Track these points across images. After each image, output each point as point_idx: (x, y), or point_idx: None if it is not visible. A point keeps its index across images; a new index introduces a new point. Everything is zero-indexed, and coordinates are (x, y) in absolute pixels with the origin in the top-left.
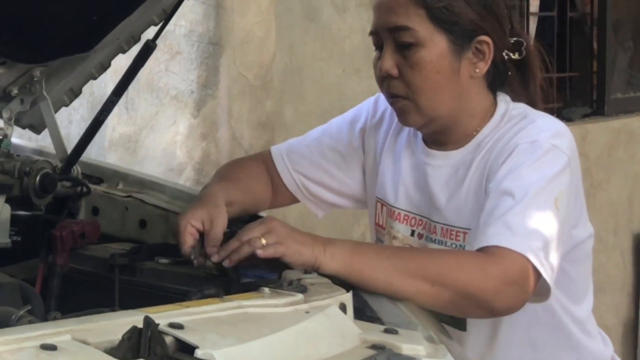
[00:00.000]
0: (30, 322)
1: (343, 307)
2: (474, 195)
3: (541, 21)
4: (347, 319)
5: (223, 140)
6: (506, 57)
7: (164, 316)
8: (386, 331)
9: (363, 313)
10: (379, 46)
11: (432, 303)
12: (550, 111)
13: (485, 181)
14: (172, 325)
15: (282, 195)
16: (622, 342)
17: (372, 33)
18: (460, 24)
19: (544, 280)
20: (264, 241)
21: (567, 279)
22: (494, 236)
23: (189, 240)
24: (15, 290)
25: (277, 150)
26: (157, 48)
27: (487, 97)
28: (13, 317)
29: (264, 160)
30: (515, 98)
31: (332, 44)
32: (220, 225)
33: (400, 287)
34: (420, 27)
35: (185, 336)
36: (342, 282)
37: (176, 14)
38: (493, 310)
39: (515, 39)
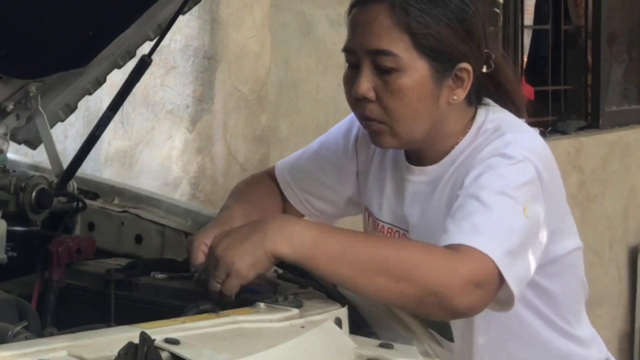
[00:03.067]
0: (26, 338)
1: (338, 322)
2: (445, 211)
3: (535, 34)
4: (343, 334)
5: (218, 154)
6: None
7: (160, 332)
8: (381, 346)
9: (358, 328)
10: (354, 64)
11: (396, 300)
12: (545, 124)
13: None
14: (168, 341)
15: (290, 212)
16: (618, 355)
17: (346, 50)
18: (444, 51)
19: (508, 288)
20: (217, 284)
21: (544, 294)
22: (461, 234)
23: (199, 258)
24: (11, 306)
25: (280, 169)
26: (153, 63)
27: (466, 114)
28: (9, 333)
29: (274, 177)
30: (501, 105)
31: (327, 58)
32: None
33: (364, 283)
34: (404, 53)
35: (181, 352)
36: (337, 298)
37: (171, 28)
38: (455, 310)
39: (485, 50)
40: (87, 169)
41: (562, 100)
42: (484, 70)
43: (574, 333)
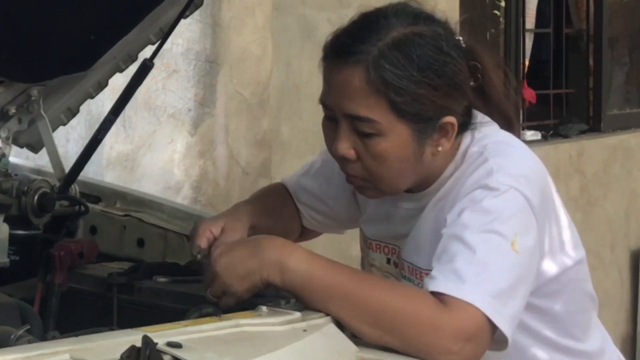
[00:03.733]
0: (29, 342)
1: (340, 325)
2: (430, 237)
3: (537, 38)
4: (345, 337)
5: (220, 158)
6: None
7: (162, 335)
8: (383, 349)
9: None
10: (332, 118)
11: (382, 345)
12: (547, 128)
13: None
14: (171, 344)
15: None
16: None
17: (322, 104)
18: (426, 112)
19: (500, 332)
20: (212, 294)
21: (545, 316)
22: (445, 282)
23: (202, 243)
24: (14, 309)
25: (286, 184)
26: (155, 66)
27: (453, 146)
28: (12, 336)
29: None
30: (488, 115)
31: None
32: (234, 236)
33: (350, 325)
34: (382, 118)
35: (184, 355)
36: None
37: (173, 32)
38: None
39: (471, 63)
40: (89, 172)
41: (563, 103)
42: (471, 84)
43: (582, 348)
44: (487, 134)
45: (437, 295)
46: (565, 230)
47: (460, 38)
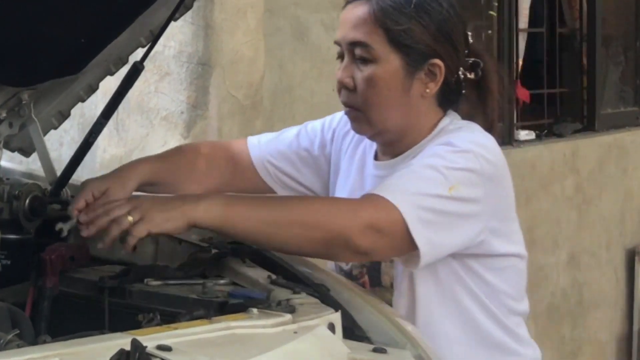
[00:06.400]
0: (18, 346)
1: (332, 327)
2: None
3: (530, 37)
4: (336, 339)
5: None
6: (462, 76)
7: (152, 338)
8: (375, 350)
9: (352, 332)
10: (342, 56)
11: (309, 247)
12: (541, 127)
13: None
14: (161, 348)
15: (251, 181)
16: (615, 358)
17: (336, 43)
18: (416, 47)
19: (414, 244)
20: (130, 219)
21: (485, 286)
22: (376, 189)
23: (80, 204)
24: (4, 314)
25: (256, 141)
26: (147, 69)
27: (436, 114)
28: (2, 341)
29: (234, 147)
30: (472, 116)
31: (321, 63)
32: (118, 196)
33: (275, 233)
34: (378, 45)
35: (174, 358)
36: (331, 303)
37: (165, 34)
38: (358, 250)
39: (473, 59)
40: (82, 175)
41: (557, 103)
42: (471, 76)
43: (511, 327)
44: (466, 123)
45: (364, 196)
46: (513, 223)
47: (469, 33)
